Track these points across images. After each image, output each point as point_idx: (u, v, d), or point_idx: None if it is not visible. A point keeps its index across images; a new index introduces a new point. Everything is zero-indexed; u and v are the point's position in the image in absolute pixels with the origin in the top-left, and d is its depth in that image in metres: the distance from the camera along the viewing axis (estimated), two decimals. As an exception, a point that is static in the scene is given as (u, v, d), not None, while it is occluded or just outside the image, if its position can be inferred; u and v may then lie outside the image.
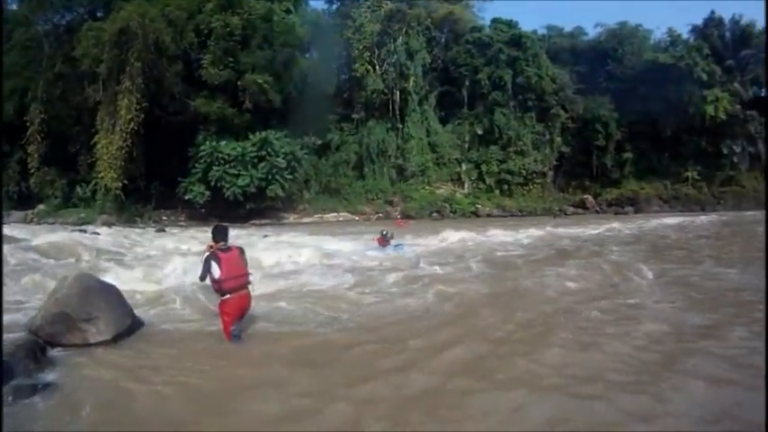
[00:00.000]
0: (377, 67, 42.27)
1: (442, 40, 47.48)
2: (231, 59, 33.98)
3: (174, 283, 9.80)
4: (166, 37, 32.25)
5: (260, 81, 33.50)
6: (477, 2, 52.68)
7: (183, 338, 6.67)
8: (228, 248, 6.58)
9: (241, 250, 6.78)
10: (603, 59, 50.03)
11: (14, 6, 40.85)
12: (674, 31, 52.72)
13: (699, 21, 53.42)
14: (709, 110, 45.84)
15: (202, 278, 6.52)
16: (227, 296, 6.40)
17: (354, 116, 42.71)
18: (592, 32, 54.20)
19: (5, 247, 14.98)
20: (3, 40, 31.93)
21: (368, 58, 42.00)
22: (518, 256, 15.18)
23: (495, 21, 49.60)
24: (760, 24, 47.77)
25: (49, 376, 5.30)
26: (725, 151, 48.37)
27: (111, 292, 6.86)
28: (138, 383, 5.15)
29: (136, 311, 7.14)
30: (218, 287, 6.38)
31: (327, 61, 42.99)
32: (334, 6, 47.10)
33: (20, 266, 12.70)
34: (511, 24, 48.95)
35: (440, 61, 46.62)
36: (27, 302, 8.40)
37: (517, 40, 47.26)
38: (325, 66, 41.70)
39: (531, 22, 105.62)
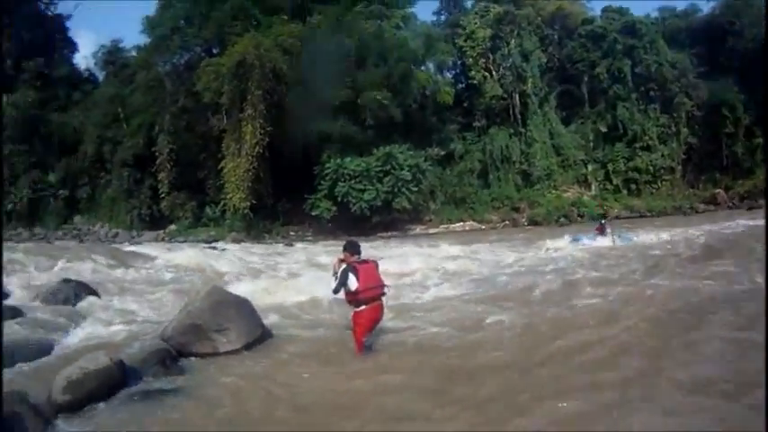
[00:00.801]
0: (493, 73, 43.24)
1: (555, 37, 47.47)
2: (349, 79, 36.01)
3: (304, 295, 10.17)
4: (282, 65, 34.52)
5: (379, 98, 35.30)
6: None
7: (312, 349, 6.97)
8: (365, 261, 6.92)
9: (376, 264, 7.05)
10: (722, 36, 46.97)
11: (134, 53, 45.64)
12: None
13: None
14: None
15: (336, 291, 6.76)
16: (362, 307, 6.67)
17: (476, 124, 43.82)
18: (706, 8, 51.57)
19: (137, 263, 17.15)
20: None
21: (483, 65, 43.15)
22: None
23: (605, 10, 48.87)
24: None
25: (178, 382, 5.66)
26: None
27: (242, 305, 7.36)
28: (264, 390, 5.48)
29: (265, 322, 7.59)
30: (354, 298, 6.67)
31: (443, 72, 44.47)
32: (443, 17, 48.92)
33: (151, 281, 13.78)
34: (622, 11, 48.09)
35: (555, 60, 46.77)
36: (159, 315, 9.05)
37: (631, 27, 46.23)
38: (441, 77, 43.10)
39: (642, 5, 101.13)
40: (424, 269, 14.18)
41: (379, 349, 6.92)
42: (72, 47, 54.44)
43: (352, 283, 6.52)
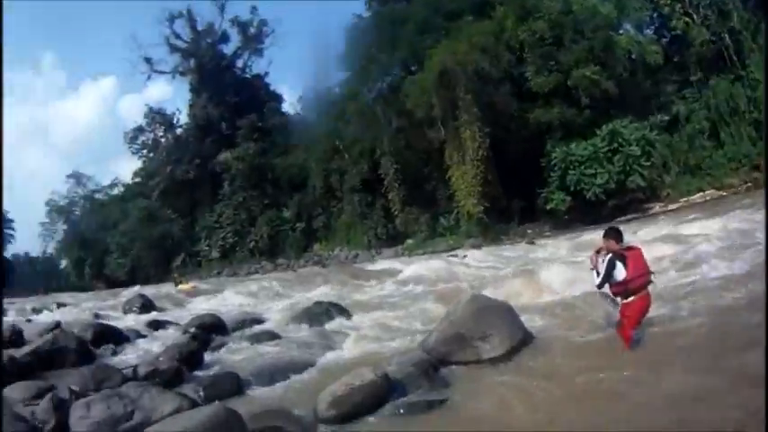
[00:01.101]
0: (694, 17, 39.60)
1: None
2: (552, 63, 36.23)
3: (558, 293, 9.96)
4: (484, 64, 35.44)
5: (587, 74, 34.93)
6: None
7: (576, 350, 6.70)
8: (630, 247, 6.67)
9: (641, 250, 6.71)
10: None
11: (337, 89, 49.97)
12: None
13: None
14: None
15: (602, 284, 6.54)
16: (631, 298, 6.41)
17: (692, 78, 40.14)
18: None
19: (382, 279, 17.78)
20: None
21: (681, 11, 39.76)
22: None
23: None
24: None
25: (442, 392, 5.69)
26: None
27: (503, 309, 7.39)
28: (531, 396, 5.29)
29: (525, 324, 7.47)
30: (623, 289, 6.44)
31: (642, 30, 42.11)
32: None
33: (399, 295, 14.07)
34: None
35: None
36: (412, 327, 9.25)
37: None
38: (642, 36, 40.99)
39: None
40: (673, 251, 12.84)
41: (649, 343, 6.44)
42: (277, 98, 62.83)
43: (620, 272, 6.33)
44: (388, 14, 43.37)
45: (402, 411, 5.14)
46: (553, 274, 11.65)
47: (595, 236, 15.78)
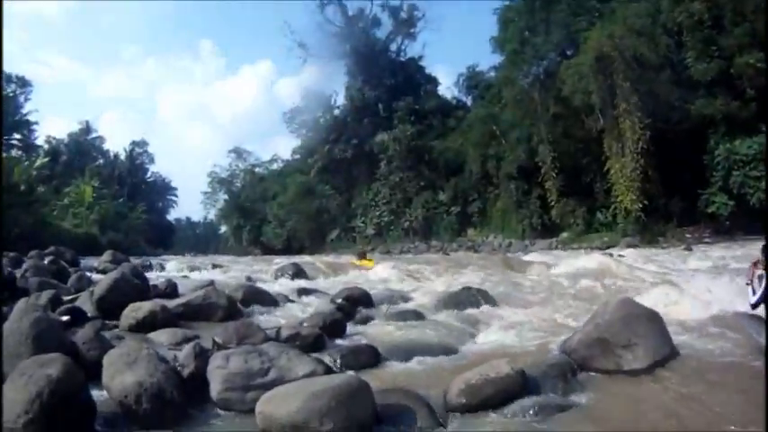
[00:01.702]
0: None
1: None
2: (713, 48, 35.06)
3: (713, 308, 9.03)
4: (642, 48, 34.88)
5: (751, 61, 33.32)
6: None
7: (724, 373, 6.08)
8: None
9: None
10: None
11: (492, 74, 52.29)
12: None
13: None
14: None
15: (757, 304, 6.16)
16: None
17: None
18: None
19: (532, 271, 17.39)
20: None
21: None
22: None
23: None
24: None
25: (577, 397, 5.44)
26: None
27: (653, 319, 6.87)
28: (671, 415, 5.00)
29: (673, 338, 6.95)
30: None
31: None
32: None
33: (548, 290, 13.45)
34: None
35: None
36: (558, 326, 8.88)
37: None
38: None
39: None
40: None
41: None
42: (433, 82, 67.55)
43: None
44: (541, -4, 44.42)
45: (532, 411, 4.95)
46: (710, 285, 10.70)
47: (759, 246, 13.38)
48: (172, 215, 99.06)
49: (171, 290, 10.21)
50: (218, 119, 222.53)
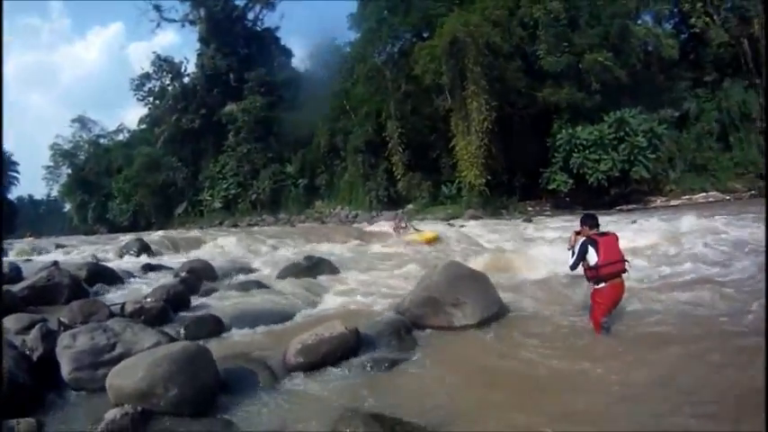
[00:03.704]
0: (715, 18, 39.24)
1: None
2: (565, 44, 35.43)
3: (542, 271, 9.75)
4: (495, 38, 34.28)
5: (600, 59, 33.97)
6: None
7: (548, 328, 6.58)
8: (605, 233, 6.41)
9: (616, 237, 6.45)
10: None
11: (347, 49, 48.66)
12: None
13: None
14: None
15: (574, 266, 6.37)
16: (602, 284, 6.22)
17: (706, 78, 39.80)
18: None
19: (376, 241, 17.56)
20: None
21: (702, 9, 39.29)
22: None
23: None
24: None
25: (410, 353, 5.70)
26: None
27: (480, 280, 7.24)
28: (493, 366, 5.38)
29: (502, 299, 7.35)
30: (594, 274, 6.23)
31: (662, 24, 41.57)
32: None
33: (389, 257, 13.94)
34: None
35: None
36: (396, 289, 9.01)
37: None
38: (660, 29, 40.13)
39: None
40: (664, 244, 12.63)
41: (618, 331, 6.24)
42: (287, 53, 60.41)
43: (592, 257, 6.12)
44: (404, -22, 41.62)
45: (368, 366, 5.21)
46: (541, 252, 11.53)
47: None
48: (13, 193, 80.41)
49: (15, 274, 9.65)
50: (64, 85, 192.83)
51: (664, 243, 12.70)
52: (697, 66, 40.10)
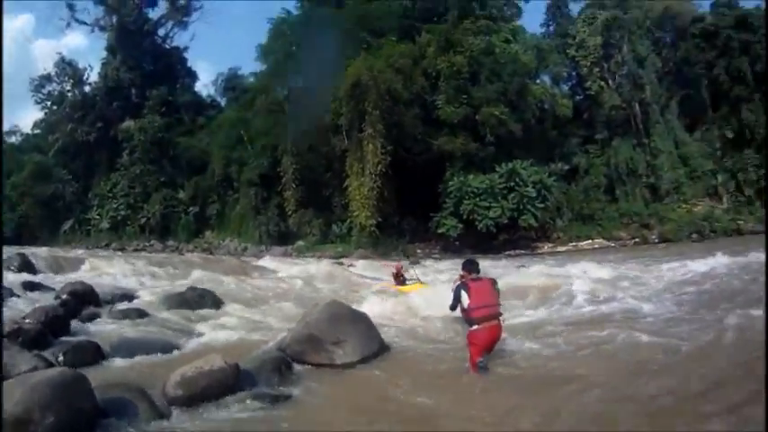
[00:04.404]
0: (610, 82, 41.15)
1: (667, 39, 45.13)
2: (464, 96, 35.49)
3: (426, 312, 9.88)
4: (397, 84, 34.02)
5: (496, 113, 34.44)
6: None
7: (428, 366, 6.76)
8: (479, 278, 6.69)
9: (493, 281, 6.75)
10: None
11: (251, 79, 47.09)
12: None
13: None
14: None
15: (453, 307, 6.68)
16: (476, 327, 6.36)
17: (598, 136, 41.48)
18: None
19: (263, 276, 17.24)
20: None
21: (598, 74, 41.16)
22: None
23: (714, 5, 44.68)
24: None
25: (291, 389, 5.67)
26: None
27: (361, 319, 7.33)
28: (372, 404, 5.46)
29: (385, 338, 7.46)
30: (467, 316, 6.45)
31: (559, 84, 43.02)
32: (551, 28, 46.87)
33: (275, 293, 13.76)
34: (732, 5, 43.74)
35: (671, 64, 43.90)
36: (280, 325, 8.95)
37: (743, 21, 41.65)
38: (557, 89, 41.77)
39: None
40: (545, 288, 12.95)
41: (495, 370, 6.38)
42: (192, 76, 57.54)
43: (465, 300, 6.37)
44: (316, 17, 40.15)
45: (248, 402, 5.15)
46: (426, 294, 11.60)
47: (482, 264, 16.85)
48: None
49: None
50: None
51: (548, 286, 13.04)
52: (589, 124, 41.67)
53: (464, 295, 6.34)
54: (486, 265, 18.69)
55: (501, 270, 18.02)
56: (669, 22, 44.30)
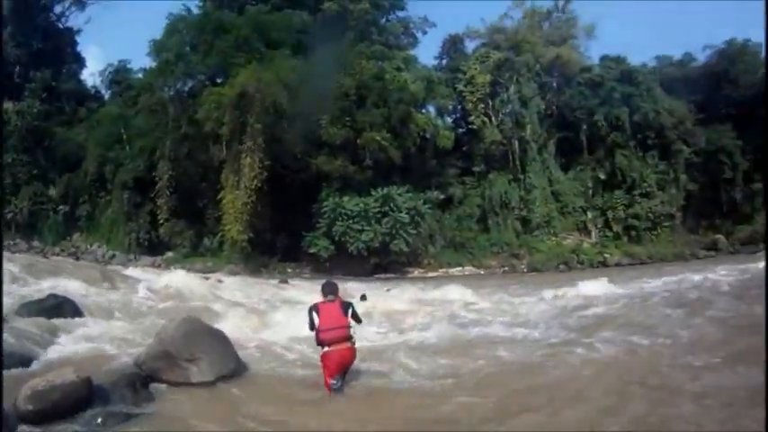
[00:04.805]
0: (493, 119, 42.14)
1: (554, 84, 46.63)
2: (348, 118, 35.30)
3: (286, 332, 9.92)
4: (282, 100, 33.08)
5: (378, 138, 34.59)
6: (583, 42, 51.17)
7: (284, 386, 6.78)
8: (330, 301, 6.71)
9: (346, 304, 6.77)
10: (717, 84, 46.22)
11: (140, 75, 44.20)
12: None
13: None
14: None
15: (310, 328, 6.66)
16: (327, 349, 6.43)
17: (475, 169, 42.49)
18: (701, 56, 50.41)
19: (128, 286, 16.55)
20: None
21: (483, 110, 41.99)
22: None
23: (603, 58, 47.91)
24: None
25: (144, 408, 5.52)
26: None
27: (217, 337, 7.20)
28: (225, 423, 5.42)
29: (243, 357, 7.43)
30: (318, 338, 6.50)
31: (443, 116, 43.79)
32: (444, 61, 47.22)
33: (138, 305, 13.36)
34: (620, 60, 46.96)
35: (554, 107, 45.67)
36: (139, 340, 8.66)
37: (628, 75, 45.43)
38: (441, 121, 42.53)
39: (638, 55, 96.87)
40: (412, 312, 13.66)
41: (350, 391, 6.57)
42: (80, 62, 52.36)
43: (316, 321, 6.46)
44: (215, 20, 38.41)
45: (99, 419, 4.96)
46: (287, 313, 11.77)
47: (349, 286, 19.08)
48: None
49: None
50: None
51: (412, 309, 13.63)
52: (469, 157, 42.79)
53: (315, 317, 6.44)
54: (355, 288, 19.39)
55: (370, 292, 18.32)
56: (558, 68, 46.04)
